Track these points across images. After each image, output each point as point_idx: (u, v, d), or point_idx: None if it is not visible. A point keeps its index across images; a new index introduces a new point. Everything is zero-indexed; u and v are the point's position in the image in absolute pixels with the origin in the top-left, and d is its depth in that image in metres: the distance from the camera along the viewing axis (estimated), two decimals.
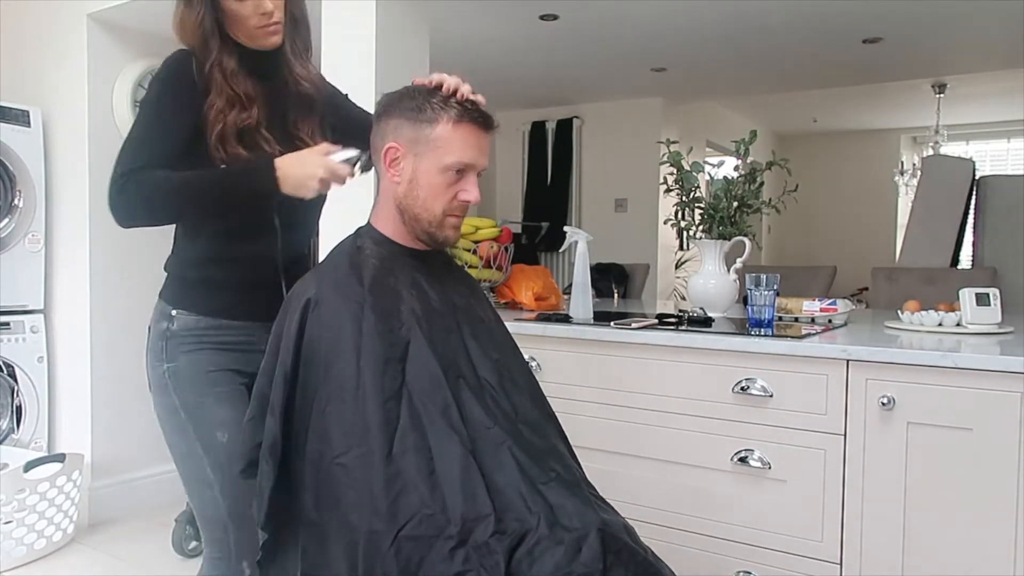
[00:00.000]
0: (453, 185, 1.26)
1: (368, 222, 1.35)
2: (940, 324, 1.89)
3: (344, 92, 1.67)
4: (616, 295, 3.30)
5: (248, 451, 1.24)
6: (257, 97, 1.41)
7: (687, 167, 2.29)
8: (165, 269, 1.48)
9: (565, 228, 2.17)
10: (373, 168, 1.36)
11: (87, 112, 2.90)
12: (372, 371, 1.16)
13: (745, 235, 2.26)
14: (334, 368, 1.17)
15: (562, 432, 1.36)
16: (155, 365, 1.42)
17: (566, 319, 2.11)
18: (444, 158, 1.23)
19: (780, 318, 2.05)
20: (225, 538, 1.40)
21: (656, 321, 2.02)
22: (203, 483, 1.40)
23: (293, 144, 1.42)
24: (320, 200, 1.50)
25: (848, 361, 1.63)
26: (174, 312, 1.42)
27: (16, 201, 2.90)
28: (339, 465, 1.12)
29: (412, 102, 1.26)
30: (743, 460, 1.75)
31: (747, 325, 1.90)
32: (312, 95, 1.51)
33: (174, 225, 1.45)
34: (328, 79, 2.59)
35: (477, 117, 1.25)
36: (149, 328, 1.45)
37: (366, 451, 1.12)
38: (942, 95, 6.04)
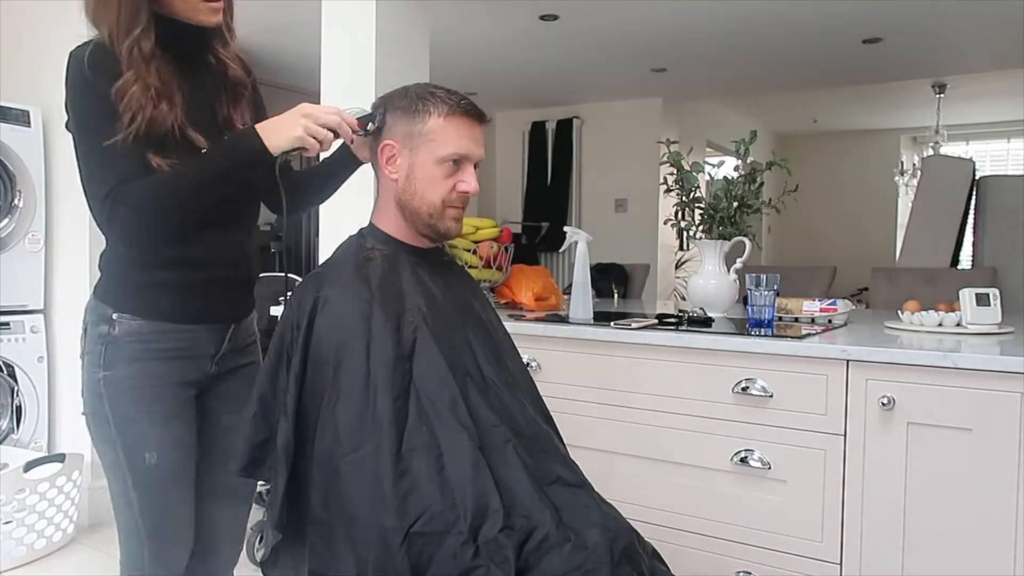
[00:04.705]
0: (451, 177, 1.27)
1: (370, 222, 1.35)
2: (940, 324, 1.89)
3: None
4: (616, 295, 3.29)
5: (249, 449, 1.24)
6: (180, 88, 1.26)
7: (687, 167, 2.29)
8: (100, 267, 1.36)
9: (565, 228, 2.17)
10: (372, 168, 1.36)
11: None
12: (382, 369, 1.16)
13: (745, 235, 2.26)
14: (344, 366, 1.17)
15: (559, 434, 1.37)
16: (90, 370, 1.33)
17: (566, 320, 2.11)
18: (439, 150, 1.25)
19: (780, 318, 2.05)
20: (140, 553, 1.35)
21: (656, 321, 2.02)
22: (124, 499, 1.34)
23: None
24: (256, 203, 1.45)
25: (848, 361, 1.63)
26: (115, 316, 1.31)
27: (16, 201, 2.90)
28: (349, 463, 1.13)
29: (404, 99, 1.28)
30: (743, 460, 1.75)
31: (747, 325, 1.90)
32: (243, 79, 1.38)
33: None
34: (328, 79, 2.61)
35: (469, 109, 1.27)
36: (85, 329, 1.35)
37: (376, 448, 1.12)
38: (942, 95, 6.04)
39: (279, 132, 1.22)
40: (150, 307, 1.32)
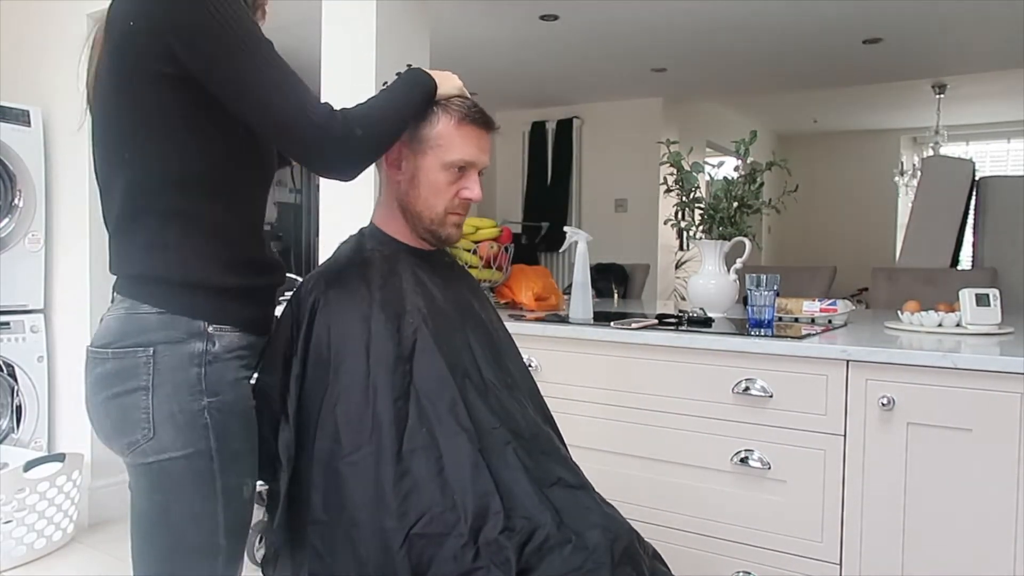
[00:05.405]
0: (455, 183, 1.27)
1: (371, 222, 1.35)
2: (940, 325, 1.89)
3: None
4: (616, 295, 3.30)
5: None
6: None
7: (687, 167, 2.29)
8: (153, 274, 1.11)
9: (565, 228, 2.17)
10: (375, 167, 1.36)
11: (87, 112, 2.90)
12: (382, 370, 1.16)
13: (745, 235, 2.27)
14: (344, 367, 1.17)
15: (560, 435, 1.37)
16: (183, 401, 1.08)
17: (566, 320, 2.11)
18: (446, 156, 1.25)
19: (780, 318, 2.05)
20: None
21: (656, 321, 2.02)
22: (204, 553, 1.12)
23: None
24: None
25: (848, 361, 1.63)
26: (211, 329, 1.11)
27: (16, 201, 2.90)
28: (349, 464, 1.13)
29: None
30: (743, 460, 1.75)
31: (747, 325, 1.90)
32: None
33: (167, 225, 1.11)
34: (328, 79, 2.62)
35: (479, 117, 1.27)
36: (152, 353, 1.08)
37: (376, 449, 1.12)
38: (942, 95, 6.04)
39: (444, 80, 1.25)
40: (248, 317, 1.16)
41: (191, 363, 1.09)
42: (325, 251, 2.65)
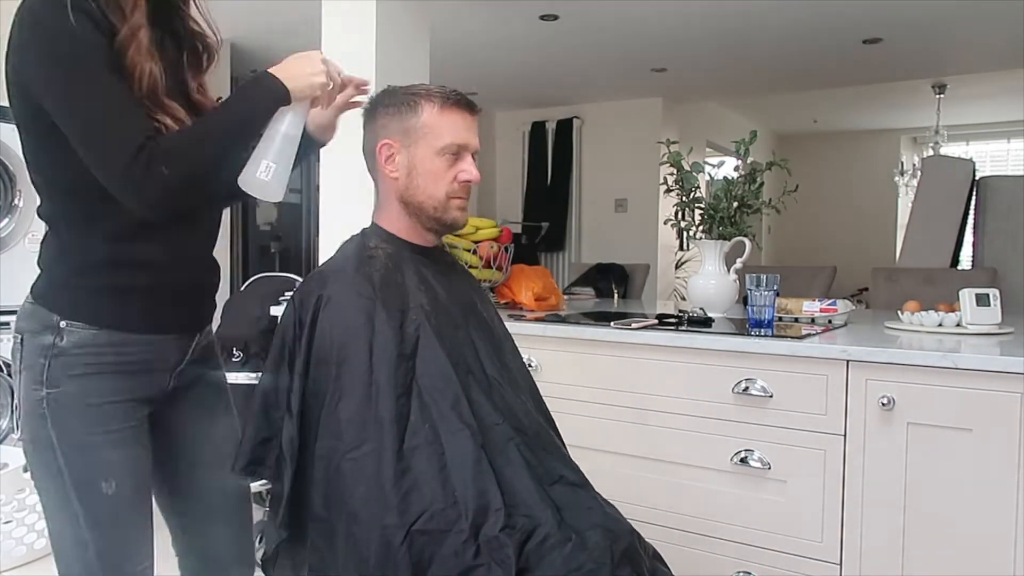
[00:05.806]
0: (451, 168, 1.28)
1: (372, 221, 1.36)
2: (940, 325, 1.89)
3: None
4: (616, 295, 3.30)
5: (251, 448, 1.24)
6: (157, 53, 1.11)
7: (687, 167, 2.29)
8: (41, 265, 1.20)
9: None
10: (369, 171, 1.37)
11: None
12: (385, 367, 1.17)
13: (745, 235, 2.27)
14: (346, 365, 1.18)
15: (559, 434, 1.37)
16: (29, 389, 1.12)
17: (566, 319, 2.11)
18: (437, 142, 1.27)
19: (780, 318, 2.05)
20: None
21: (656, 321, 2.02)
22: (74, 542, 1.13)
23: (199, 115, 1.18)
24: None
25: (848, 361, 1.63)
26: (63, 324, 1.12)
27: (16, 201, 2.90)
28: (351, 461, 1.13)
29: (394, 98, 1.30)
30: (743, 460, 1.75)
31: (747, 325, 1.90)
32: (213, 46, 1.25)
33: (51, 217, 1.19)
34: None
35: (460, 100, 1.29)
36: (21, 339, 1.15)
37: (378, 446, 1.12)
38: (942, 95, 6.04)
39: (300, 76, 1.15)
40: (111, 315, 1.13)
41: (40, 354, 1.12)
42: (325, 251, 2.65)
